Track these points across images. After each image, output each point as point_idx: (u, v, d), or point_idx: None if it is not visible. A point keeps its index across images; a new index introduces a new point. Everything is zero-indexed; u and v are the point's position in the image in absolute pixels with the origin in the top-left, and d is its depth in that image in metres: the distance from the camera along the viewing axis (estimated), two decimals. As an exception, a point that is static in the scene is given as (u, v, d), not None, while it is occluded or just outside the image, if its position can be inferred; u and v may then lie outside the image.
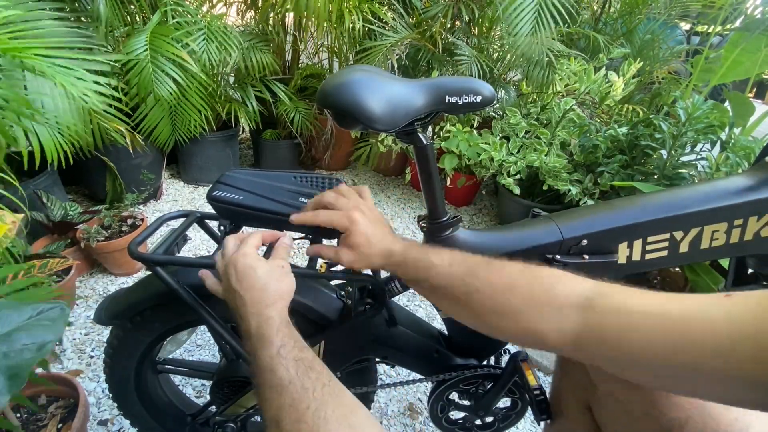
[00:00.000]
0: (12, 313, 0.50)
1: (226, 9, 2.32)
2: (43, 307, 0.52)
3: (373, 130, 0.56)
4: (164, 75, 1.65)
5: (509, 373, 0.79)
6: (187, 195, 2.28)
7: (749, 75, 2.03)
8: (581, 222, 0.69)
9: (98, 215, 1.61)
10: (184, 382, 1.23)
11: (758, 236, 0.68)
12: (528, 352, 0.91)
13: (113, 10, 1.65)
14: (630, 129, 1.79)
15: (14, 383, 0.44)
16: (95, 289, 1.56)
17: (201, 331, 1.40)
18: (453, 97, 0.59)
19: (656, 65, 2.56)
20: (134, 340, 0.77)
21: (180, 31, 1.71)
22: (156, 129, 1.88)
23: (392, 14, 2.26)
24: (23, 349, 0.47)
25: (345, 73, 0.56)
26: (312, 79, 2.46)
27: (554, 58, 2.03)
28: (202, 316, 0.68)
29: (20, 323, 0.50)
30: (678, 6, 2.55)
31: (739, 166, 1.49)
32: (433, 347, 0.84)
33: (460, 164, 2.14)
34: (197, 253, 1.80)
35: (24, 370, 0.46)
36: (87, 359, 1.28)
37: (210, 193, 0.66)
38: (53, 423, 0.93)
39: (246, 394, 0.80)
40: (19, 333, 0.49)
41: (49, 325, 0.50)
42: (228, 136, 2.28)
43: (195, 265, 0.69)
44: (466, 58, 2.04)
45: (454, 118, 2.20)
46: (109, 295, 0.80)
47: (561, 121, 1.98)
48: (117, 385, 0.84)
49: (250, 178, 0.66)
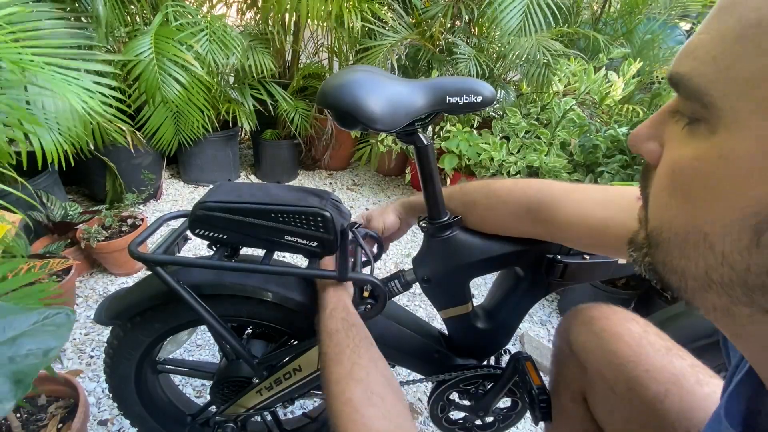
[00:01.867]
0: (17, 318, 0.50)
1: (226, 9, 2.32)
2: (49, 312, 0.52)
3: (373, 130, 0.56)
4: (170, 77, 1.65)
5: (509, 373, 0.79)
6: (187, 195, 2.28)
7: (749, 75, 2.02)
8: (581, 222, 0.69)
9: (98, 215, 1.61)
10: (184, 382, 1.23)
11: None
12: (528, 352, 0.91)
13: (113, 11, 1.65)
14: (630, 129, 1.79)
15: (19, 389, 0.44)
16: (95, 289, 1.56)
17: (201, 331, 1.40)
18: (453, 97, 0.58)
19: (656, 65, 2.56)
20: (134, 340, 0.77)
21: (184, 33, 1.71)
22: (159, 130, 1.88)
23: (392, 14, 2.26)
24: (28, 355, 0.46)
25: (345, 73, 0.56)
26: (312, 79, 2.46)
27: (552, 58, 2.03)
28: (202, 316, 0.68)
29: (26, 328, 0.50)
30: (678, 6, 2.55)
31: (739, 166, 1.49)
32: (433, 347, 0.84)
33: (460, 164, 2.14)
34: (197, 253, 1.80)
35: (29, 375, 0.45)
36: (87, 359, 1.28)
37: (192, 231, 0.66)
38: (53, 423, 0.93)
39: (246, 394, 0.80)
40: (24, 338, 0.48)
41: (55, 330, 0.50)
42: (228, 137, 2.28)
43: (195, 265, 0.69)
44: (465, 57, 2.04)
45: (454, 119, 2.20)
46: (109, 295, 0.80)
47: (561, 121, 1.98)
48: (117, 385, 0.84)
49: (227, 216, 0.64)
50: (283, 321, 0.75)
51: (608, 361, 0.56)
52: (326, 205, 0.65)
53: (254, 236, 0.65)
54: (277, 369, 0.77)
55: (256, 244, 0.67)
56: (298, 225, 0.64)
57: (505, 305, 0.79)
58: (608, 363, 0.56)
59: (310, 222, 0.64)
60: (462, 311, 0.78)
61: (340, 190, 2.55)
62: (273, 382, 0.77)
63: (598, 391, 0.59)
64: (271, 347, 0.82)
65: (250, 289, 0.71)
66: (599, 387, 0.58)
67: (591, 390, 0.61)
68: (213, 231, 0.65)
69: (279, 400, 0.80)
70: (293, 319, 0.75)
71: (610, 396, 0.56)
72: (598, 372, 0.58)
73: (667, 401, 0.50)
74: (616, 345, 0.57)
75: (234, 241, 0.67)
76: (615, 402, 0.56)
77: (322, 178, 2.67)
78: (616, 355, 0.56)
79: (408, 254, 1.98)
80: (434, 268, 0.73)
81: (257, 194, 0.66)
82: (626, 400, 0.53)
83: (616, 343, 0.57)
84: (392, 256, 1.97)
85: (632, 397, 0.53)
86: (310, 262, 0.71)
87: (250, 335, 0.85)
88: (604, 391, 0.57)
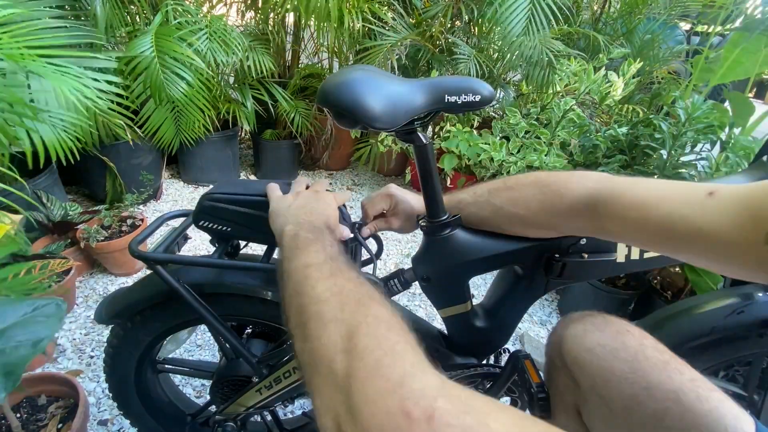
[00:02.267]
0: (7, 310, 0.50)
1: (226, 9, 2.32)
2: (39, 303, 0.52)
3: (372, 130, 0.56)
4: (174, 75, 1.64)
5: (508, 372, 0.79)
6: (187, 195, 2.28)
7: (749, 75, 2.03)
8: (581, 221, 0.69)
9: (98, 215, 1.61)
10: (184, 382, 1.23)
11: (757, 235, 0.68)
12: (528, 351, 0.91)
13: (113, 10, 1.65)
14: (630, 129, 1.79)
15: (9, 380, 0.44)
16: (95, 289, 1.56)
17: (201, 330, 1.40)
18: (452, 96, 0.59)
19: (656, 65, 2.56)
20: (134, 340, 0.77)
21: (183, 31, 1.71)
22: (160, 130, 1.88)
23: (392, 14, 2.26)
24: (18, 346, 0.46)
25: (345, 72, 0.56)
26: (312, 78, 2.47)
27: (554, 58, 2.03)
28: (202, 315, 0.68)
29: (15, 319, 0.49)
30: (678, 6, 2.55)
31: (739, 166, 1.49)
32: (433, 347, 0.84)
33: (460, 164, 2.14)
34: (197, 253, 1.80)
35: (19, 367, 0.45)
36: (87, 359, 1.28)
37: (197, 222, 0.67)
38: (53, 423, 0.93)
39: (246, 393, 0.80)
40: (14, 329, 0.48)
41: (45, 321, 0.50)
42: (228, 137, 2.28)
43: (195, 264, 0.69)
44: (465, 57, 2.04)
45: (454, 118, 2.20)
46: (109, 294, 0.80)
47: (561, 121, 1.98)
48: (117, 384, 0.84)
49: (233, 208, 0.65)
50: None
51: (603, 378, 0.54)
52: None
53: (257, 230, 0.65)
54: (276, 368, 0.77)
55: (259, 238, 0.67)
56: None
57: (504, 304, 0.79)
58: (603, 380, 0.54)
59: None
60: (461, 310, 0.78)
61: (340, 190, 2.55)
62: (273, 381, 0.77)
63: (593, 407, 0.57)
64: (270, 346, 0.82)
65: (250, 288, 0.71)
66: (594, 403, 0.56)
67: (585, 405, 0.59)
68: (217, 223, 0.65)
69: (279, 399, 0.80)
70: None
71: (606, 413, 0.54)
72: (593, 388, 0.56)
73: (667, 419, 0.48)
74: (611, 362, 0.55)
75: (237, 234, 0.67)
76: (611, 419, 0.54)
77: (322, 178, 2.67)
78: (612, 372, 0.53)
79: (408, 254, 1.98)
80: (433, 267, 0.73)
81: (263, 188, 0.66)
82: (623, 418, 0.51)
83: (611, 360, 0.55)
84: (392, 256, 1.97)
85: (630, 415, 0.51)
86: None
87: (250, 334, 0.85)
88: (600, 407, 0.55)
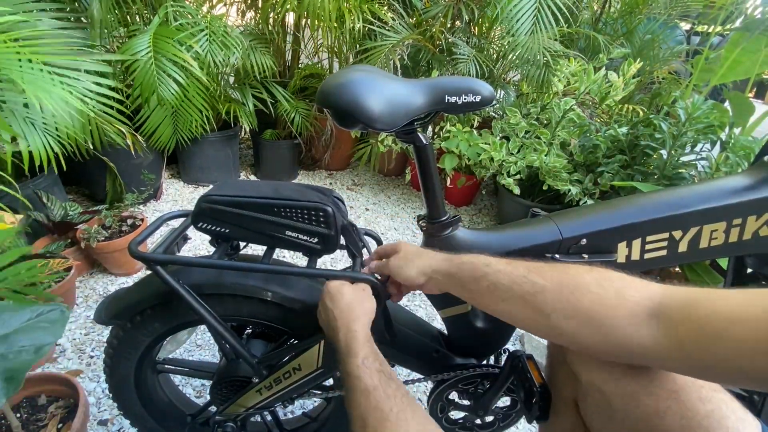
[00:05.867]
0: (11, 315, 0.50)
1: (226, 9, 2.32)
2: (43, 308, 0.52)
3: (373, 130, 0.56)
4: (167, 77, 1.65)
5: (507, 372, 0.79)
6: (187, 195, 2.28)
7: (749, 75, 2.03)
8: (580, 222, 0.69)
9: (98, 215, 1.61)
10: (184, 382, 1.23)
11: (757, 235, 0.68)
12: (529, 351, 0.91)
13: (112, 11, 1.65)
14: (630, 129, 1.79)
15: (11, 386, 0.44)
16: (95, 289, 1.56)
17: (201, 331, 1.40)
18: (452, 96, 0.59)
19: (656, 65, 2.56)
20: (134, 340, 0.77)
21: (183, 33, 1.71)
22: (157, 131, 1.88)
23: (392, 14, 2.26)
24: (21, 351, 0.46)
25: (345, 72, 0.56)
26: (312, 79, 2.46)
27: (552, 59, 2.03)
28: (202, 316, 0.68)
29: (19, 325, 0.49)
30: (678, 6, 2.55)
31: (739, 166, 1.49)
32: (433, 347, 0.84)
33: (460, 164, 2.14)
34: (197, 253, 1.80)
35: (21, 372, 0.45)
36: (87, 359, 1.28)
37: (196, 224, 0.67)
38: (53, 423, 0.93)
39: (246, 393, 0.80)
40: (17, 335, 0.48)
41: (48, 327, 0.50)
42: (228, 137, 2.28)
43: (195, 264, 0.69)
44: (464, 57, 2.04)
45: (454, 118, 2.20)
46: (109, 294, 0.80)
47: (561, 121, 1.98)
48: (117, 384, 0.84)
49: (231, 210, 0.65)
50: (283, 320, 0.75)
51: (603, 374, 0.53)
52: (328, 202, 0.65)
53: (256, 231, 0.65)
54: (276, 368, 0.77)
55: (258, 239, 0.67)
56: (299, 220, 0.64)
57: (505, 305, 0.79)
58: (603, 376, 0.53)
59: (311, 217, 0.64)
60: (461, 311, 0.78)
61: (340, 190, 2.55)
62: (273, 382, 0.77)
63: (591, 403, 0.57)
64: (270, 347, 0.82)
65: (250, 289, 0.71)
66: (593, 398, 0.56)
67: (584, 399, 0.59)
68: (216, 225, 0.66)
69: (279, 400, 0.80)
70: (293, 319, 0.75)
71: (606, 408, 0.54)
72: (592, 384, 0.55)
73: (668, 418, 0.47)
74: None
75: (236, 236, 0.67)
76: (610, 415, 0.53)
77: (322, 178, 2.67)
78: (613, 369, 0.52)
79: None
80: (434, 268, 0.73)
81: (261, 190, 0.66)
82: (623, 414, 0.51)
83: None
84: (392, 256, 1.97)
85: (630, 412, 0.50)
86: (310, 261, 0.71)
87: (250, 335, 0.85)
88: (599, 403, 0.55)
